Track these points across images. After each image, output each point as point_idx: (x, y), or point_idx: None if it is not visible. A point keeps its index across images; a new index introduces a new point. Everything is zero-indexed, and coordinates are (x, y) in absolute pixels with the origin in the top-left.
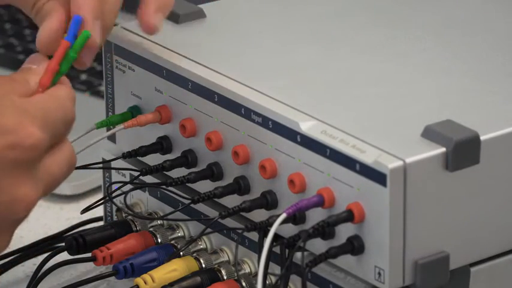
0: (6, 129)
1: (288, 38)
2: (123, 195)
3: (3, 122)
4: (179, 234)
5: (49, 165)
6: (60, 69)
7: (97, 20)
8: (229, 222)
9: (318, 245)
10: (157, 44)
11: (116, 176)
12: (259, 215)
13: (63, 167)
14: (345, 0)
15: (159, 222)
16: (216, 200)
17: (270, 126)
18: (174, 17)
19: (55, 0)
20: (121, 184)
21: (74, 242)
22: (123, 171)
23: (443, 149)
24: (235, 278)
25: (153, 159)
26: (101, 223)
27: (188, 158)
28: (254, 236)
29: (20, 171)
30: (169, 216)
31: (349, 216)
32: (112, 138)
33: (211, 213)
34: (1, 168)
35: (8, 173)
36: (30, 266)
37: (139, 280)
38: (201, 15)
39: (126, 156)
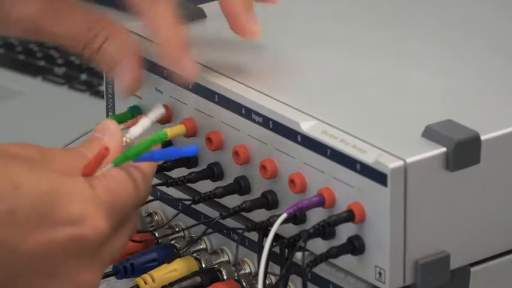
0: (71, 219)
1: (288, 37)
2: None
3: (69, 210)
4: (179, 234)
5: (112, 246)
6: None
7: None
8: (230, 222)
9: (318, 245)
10: (157, 44)
11: None
12: (259, 215)
13: (125, 243)
14: (345, 0)
15: (159, 223)
16: (216, 200)
17: (271, 126)
18: None
19: (112, 42)
20: None
21: None
22: None
23: (444, 149)
24: (236, 278)
25: None
26: None
27: (188, 158)
28: (254, 236)
29: (83, 259)
30: (171, 221)
31: (349, 216)
32: None
33: (212, 213)
34: (64, 257)
35: (71, 261)
36: None
37: (139, 280)
38: (201, 15)
39: None
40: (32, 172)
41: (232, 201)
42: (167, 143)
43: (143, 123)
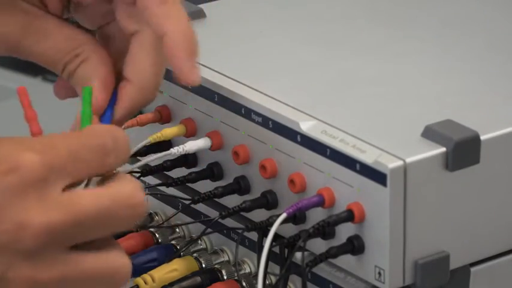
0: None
1: (288, 38)
2: None
3: None
4: (179, 234)
5: (77, 195)
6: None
7: None
8: (230, 222)
9: (318, 245)
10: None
11: None
12: (259, 215)
13: (98, 200)
14: (345, 0)
15: (159, 223)
16: (216, 200)
17: (270, 126)
18: None
19: (88, 64)
20: None
21: None
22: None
23: (444, 149)
24: (236, 278)
25: (154, 160)
26: None
27: (188, 158)
28: (254, 236)
29: (23, 197)
30: (171, 220)
31: (349, 216)
32: None
33: (212, 213)
34: (2, 197)
35: (8, 199)
36: None
37: (139, 280)
38: (201, 15)
39: None
40: None
41: (232, 201)
42: (167, 143)
43: None
